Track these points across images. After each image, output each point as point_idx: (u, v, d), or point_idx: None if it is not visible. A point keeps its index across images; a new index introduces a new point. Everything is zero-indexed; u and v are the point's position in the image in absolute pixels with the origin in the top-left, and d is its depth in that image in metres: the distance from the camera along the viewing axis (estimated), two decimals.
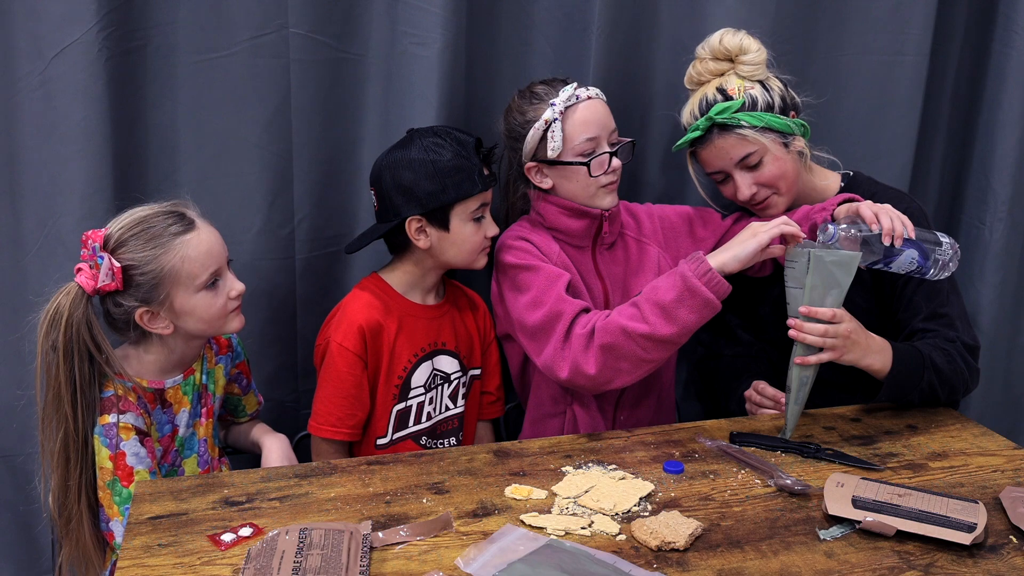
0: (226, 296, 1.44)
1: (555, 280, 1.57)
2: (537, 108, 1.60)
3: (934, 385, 1.54)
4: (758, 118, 1.62)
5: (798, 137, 1.67)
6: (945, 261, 1.51)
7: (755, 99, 1.63)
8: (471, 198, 1.53)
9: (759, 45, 1.64)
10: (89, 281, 1.35)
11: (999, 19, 2.05)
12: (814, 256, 1.43)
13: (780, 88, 1.66)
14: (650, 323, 1.48)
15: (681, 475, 1.36)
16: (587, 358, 1.51)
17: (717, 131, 1.64)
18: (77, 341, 1.35)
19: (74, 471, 1.38)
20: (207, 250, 1.41)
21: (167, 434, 1.48)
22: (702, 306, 1.47)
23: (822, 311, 1.44)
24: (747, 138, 1.62)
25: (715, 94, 1.64)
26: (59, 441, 1.37)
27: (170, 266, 1.38)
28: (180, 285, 1.39)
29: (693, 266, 1.47)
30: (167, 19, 1.61)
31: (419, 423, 1.65)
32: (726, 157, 1.66)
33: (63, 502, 1.40)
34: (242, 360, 1.64)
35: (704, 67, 1.67)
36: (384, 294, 1.61)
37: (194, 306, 1.41)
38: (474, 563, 1.11)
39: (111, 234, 1.38)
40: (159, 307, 1.40)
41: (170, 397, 1.48)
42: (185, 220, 1.41)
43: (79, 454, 1.38)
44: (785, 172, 1.65)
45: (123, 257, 1.37)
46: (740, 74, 1.64)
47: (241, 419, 1.68)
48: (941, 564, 1.15)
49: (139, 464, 1.40)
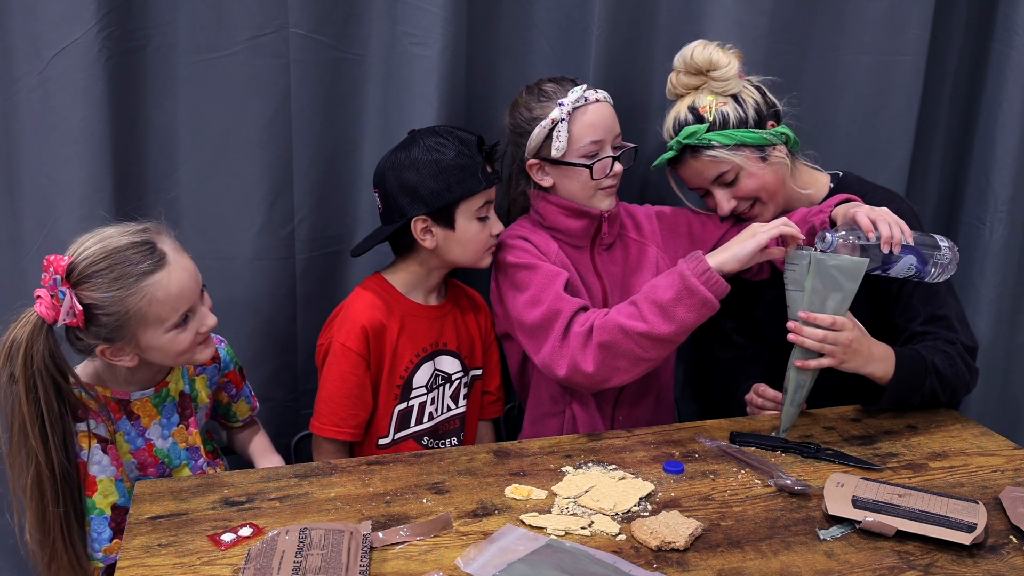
0: (195, 331, 1.36)
1: (553, 278, 1.58)
2: (545, 106, 1.60)
3: (935, 390, 1.54)
4: (729, 136, 1.62)
5: (778, 146, 1.66)
6: (944, 264, 1.50)
7: (727, 116, 1.63)
8: (476, 195, 1.53)
9: (729, 59, 1.63)
10: (49, 312, 1.25)
11: (999, 19, 2.05)
12: (815, 258, 1.42)
13: (755, 100, 1.65)
14: (648, 322, 1.48)
15: (681, 475, 1.36)
16: (585, 356, 1.51)
17: (690, 152, 1.66)
18: (41, 374, 1.25)
19: (51, 506, 1.29)
20: (178, 292, 1.31)
21: (140, 447, 1.43)
22: (700, 305, 1.47)
23: (821, 318, 1.43)
24: (718, 159, 1.63)
25: (686, 114, 1.65)
26: (31, 476, 1.27)
27: (136, 308, 1.28)
28: (148, 327, 1.31)
29: (692, 265, 1.47)
30: (167, 19, 1.61)
31: (421, 423, 1.65)
32: (701, 177, 1.68)
33: (42, 539, 1.31)
34: (231, 370, 1.59)
35: (679, 80, 1.68)
36: (387, 294, 1.61)
37: (161, 344, 1.33)
38: (474, 563, 1.11)
39: (75, 264, 1.27)
40: (124, 344, 1.32)
41: (137, 409, 1.42)
42: (155, 255, 1.30)
43: (56, 487, 1.29)
44: (764, 184, 1.66)
45: (86, 295, 1.26)
46: (713, 89, 1.64)
47: (234, 424, 1.65)
48: (941, 564, 1.16)
49: (101, 473, 1.36)
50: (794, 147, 1.71)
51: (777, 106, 1.70)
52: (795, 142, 1.70)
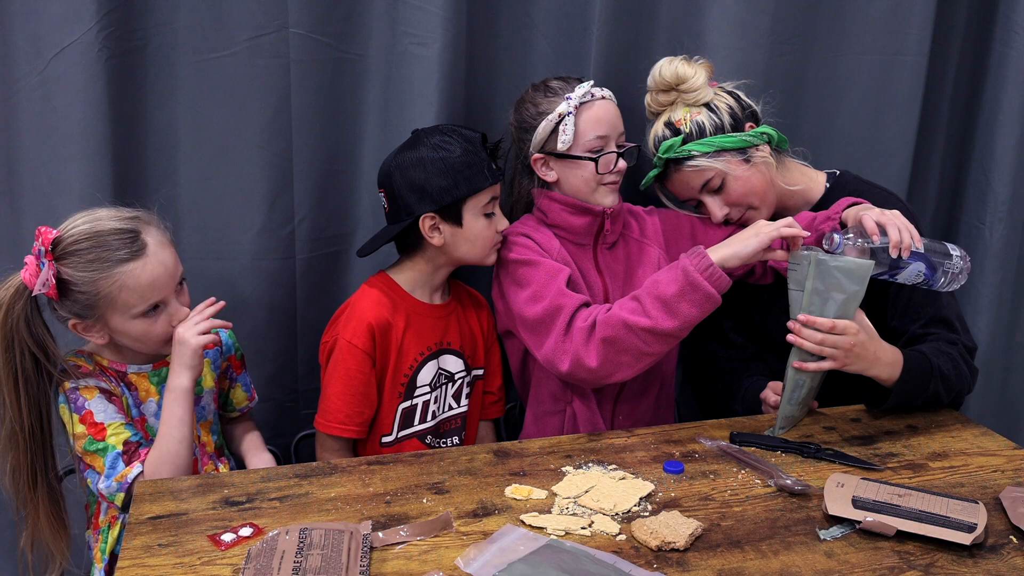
0: (166, 324, 1.41)
1: (555, 275, 1.58)
2: (552, 102, 1.62)
3: (939, 392, 1.54)
4: (708, 144, 1.63)
5: (761, 147, 1.67)
6: (955, 273, 1.48)
7: (702, 125, 1.64)
8: (482, 192, 1.54)
9: (696, 69, 1.65)
10: (32, 279, 1.32)
11: (999, 19, 2.05)
12: (816, 259, 1.41)
13: (728, 105, 1.66)
14: (652, 317, 1.48)
15: (681, 475, 1.36)
16: (588, 351, 1.51)
17: (673, 166, 1.68)
18: (16, 335, 1.33)
19: (23, 457, 1.37)
20: (149, 282, 1.36)
21: (135, 418, 1.45)
22: (704, 300, 1.47)
23: (821, 321, 1.42)
24: (701, 167, 1.65)
25: (663, 130, 1.68)
26: (5, 428, 1.36)
27: (105, 292, 1.34)
28: (116, 311, 1.36)
29: (695, 260, 1.48)
30: (167, 19, 1.61)
31: (424, 421, 1.65)
32: (688, 188, 1.69)
33: (16, 485, 1.39)
34: (232, 353, 1.62)
35: (654, 99, 1.70)
36: (392, 292, 1.61)
37: (128, 329, 1.39)
38: (474, 563, 1.11)
39: (61, 239, 1.34)
40: (93, 323, 1.38)
41: (134, 381, 1.45)
42: (136, 244, 1.36)
43: (27, 444, 1.37)
44: (753, 187, 1.66)
45: (64, 270, 1.33)
46: (685, 102, 1.66)
47: (230, 413, 1.65)
48: (941, 564, 1.16)
49: (109, 418, 1.38)
50: (780, 145, 1.71)
51: (754, 107, 1.70)
52: (780, 139, 1.70)
